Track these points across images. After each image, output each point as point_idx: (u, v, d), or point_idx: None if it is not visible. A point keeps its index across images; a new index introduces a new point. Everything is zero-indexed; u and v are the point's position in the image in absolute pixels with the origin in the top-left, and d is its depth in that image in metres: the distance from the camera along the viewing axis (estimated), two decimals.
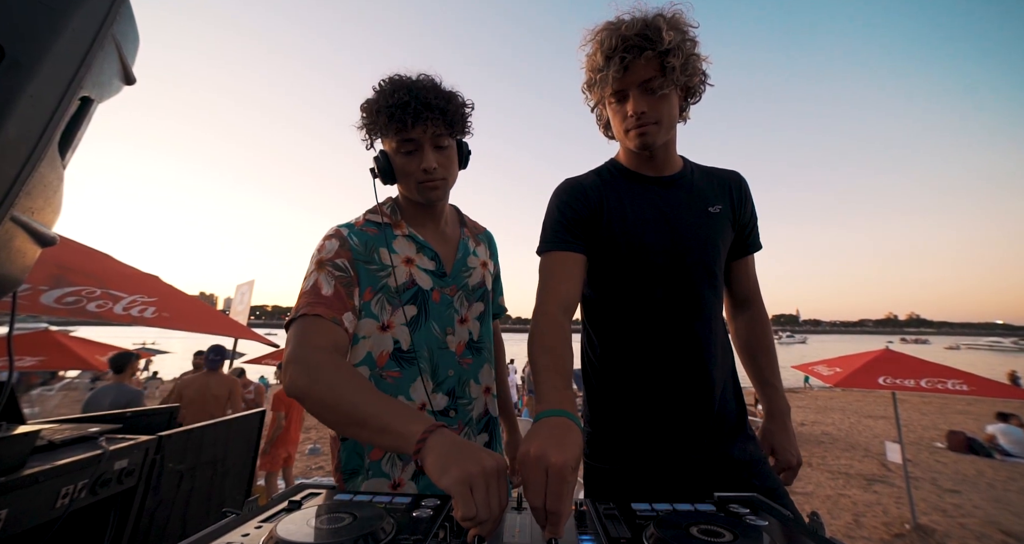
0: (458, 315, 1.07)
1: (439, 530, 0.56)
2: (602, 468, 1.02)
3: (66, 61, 0.50)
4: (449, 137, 1.01)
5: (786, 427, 1.05)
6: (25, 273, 0.58)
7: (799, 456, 1.03)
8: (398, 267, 1.02)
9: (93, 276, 2.73)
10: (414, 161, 0.99)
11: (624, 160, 1.10)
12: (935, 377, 4.69)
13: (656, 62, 0.91)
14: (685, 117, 1.06)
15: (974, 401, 12.27)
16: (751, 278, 1.18)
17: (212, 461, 1.29)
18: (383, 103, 0.96)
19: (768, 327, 1.17)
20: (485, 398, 1.09)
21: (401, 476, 0.95)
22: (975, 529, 4.20)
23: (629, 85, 0.94)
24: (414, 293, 1.02)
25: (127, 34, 0.61)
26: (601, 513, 0.62)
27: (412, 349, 0.99)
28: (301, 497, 0.68)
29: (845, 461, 6.55)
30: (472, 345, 1.09)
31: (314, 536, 0.51)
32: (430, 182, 1.00)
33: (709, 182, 1.08)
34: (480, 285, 1.14)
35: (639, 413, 1.00)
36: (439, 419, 0.99)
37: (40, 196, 0.53)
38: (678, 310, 1.00)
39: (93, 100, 0.58)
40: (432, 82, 1.00)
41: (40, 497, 0.74)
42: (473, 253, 1.16)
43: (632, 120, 0.96)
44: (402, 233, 1.06)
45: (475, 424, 1.06)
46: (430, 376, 1.00)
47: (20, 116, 0.45)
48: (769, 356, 1.13)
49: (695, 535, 0.52)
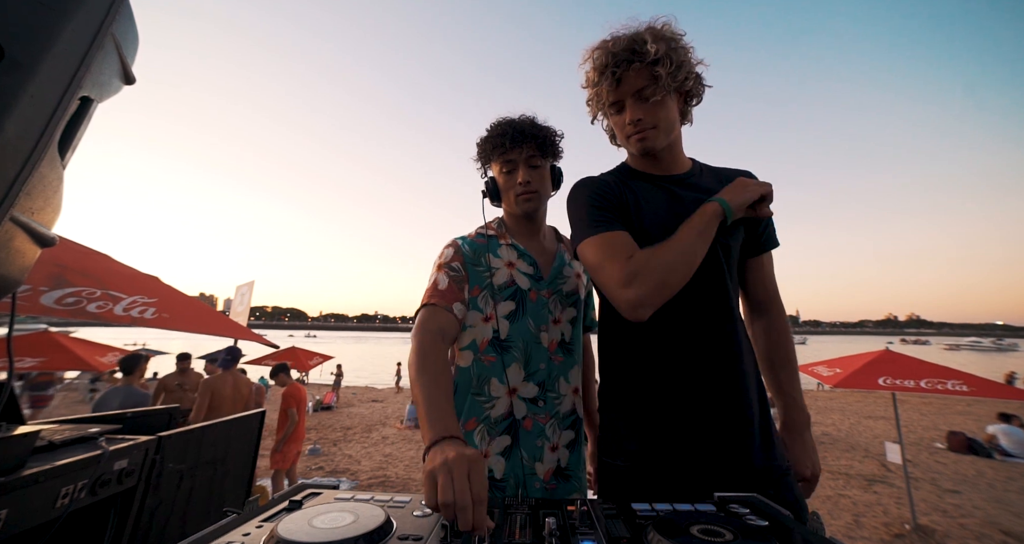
0: (552, 316, 1.21)
1: (439, 530, 0.56)
2: (616, 465, 1.00)
3: (66, 61, 0.50)
4: (541, 158, 1.23)
5: (803, 438, 1.02)
6: (25, 274, 0.58)
7: (817, 468, 1.01)
8: (501, 269, 1.22)
9: (93, 277, 2.73)
10: (513, 178, 1.22)
11: (633, 163, 1.14)
12: (935, 378, 4.69)
13: (646, 72, 0.96)
14: (688, 119, 1.09)
15: (974, 402, 12.27)
16: (768, 279, 1.14)
17: (212, 461, 1.29)
18: (490, 135, 1.23)
19: (788, 333, 1.12)
20: (573, 397, 1.20)
21: (488, 449, 1.10)
22: (975, 529, 4.20)
23: (624, 95, 1.00)
24: (513, 291, 1.20)
25: (127, 34, 0.61)
26: (601, 513, 0.62)
27: (508, 339, 1.17)
28: (302, 497, 0.68)
29: (845, 462, 6.56)
30: (564, 345, 1.21)
31: (315, 536, 0.51)
32: (525, 194, 1.21)
33: (718, 182, 1.08)
34: (574, 292, 1.27)
35: (659, 411, 0.98)
36: (529, 406, 1.14)
37: (40, 196, 0.53)
38: (694, 308, 0.99)
39: (93, 100, 0.58)
40: (528, 117, 1.25)
41: (40, 497, 0.74)
42: (569, 265, 1.30)
43: (631, 127, 1.02)
44: (506, 242, 1.27)
45: (562, 419, 1.17)
46: (523, 365, 1.16)
47: (20, 116, 0.45)
48: (789, 365, 1.09)
49: (695, 535, 0.52)
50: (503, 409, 1.13)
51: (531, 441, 1.12)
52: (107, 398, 3.98)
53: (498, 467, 1.09)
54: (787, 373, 1.08)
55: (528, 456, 1.11)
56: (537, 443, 1.12)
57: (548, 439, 1.13)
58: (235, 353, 4.56)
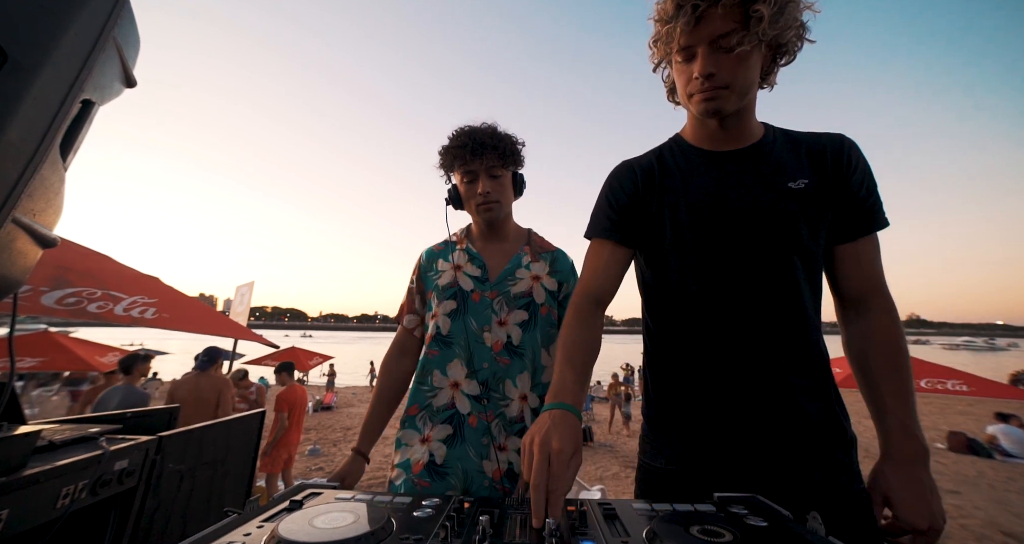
0: (497, 317, 1.22)
1: (440, 530, 0.56)
2: (658, 468, 0.92)
3: (68, 64, 0.50)
4: (502, 168, 1.25)
5: (915, 476, 0.75)
6: (26, 275, 0.58)
7: (938, 518, 0.72)
8: (446, 272, 1.29)
9: (94, 277, 2.73)
10: (474, 188, 1.24)
11: (689, 134, 0.97)
12: (935, 378, 4.69)
13: (738, 11, 0.74)
14: (771, 82, 0.89)
15: (974, 402, 12.26)
16: (867, 268, 0.88)
17: (212, 461, 1.29)
18: (451, 145, 1.24)
19: (896, 336, 0.85)
20: (522, 404, 1.18)
21: (430, 434, 1.17)
22: (976, 530, 4.20)
23: (699, 41, 0.79)
24: (454, 291, 1.25)
25: (128, 37, 0.61)
26: (601, 513, 0.62)
27: (450, 335, 1.22)
28: (302, 497, 0.68)
29: None
30: (511, 347, 1.21)
31: (316, 536, 0.51)
32: (485, 204, 1.24)
33: (794, 153, 0.89)
34: (524, 295, 1.24)
35: (699, 421, 0.88)
36: (472, 403, 1.17)
37: (42, 198, 0.53)
38: (748, 304, 0.86)
39: (94, 103, 0.58)
40: (489, 127, 1.26)
41: (41, 497, 0.74)
42: (525, 266, 1.29)
43: (697, 83, 0.82)
44: (461, 247, 1.33)
45: (509, 424, 1.16)
46: (465, 362, 1.19)
47: (22, 119, 0.45)
48: (895, 377, 0.82)
49: (695, 535, 0.52)
50: (445, 400, 1.19)
51: (476, 438, 1.14)
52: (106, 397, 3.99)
53: (439, 453, 1.14)
54: (893, 388, 0.82)
55: (475, 452, 1.13)
56: (483, 441, 1.14)
57: (494, 438, 1.14)
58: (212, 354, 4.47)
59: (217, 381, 4.38)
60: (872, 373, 0.85)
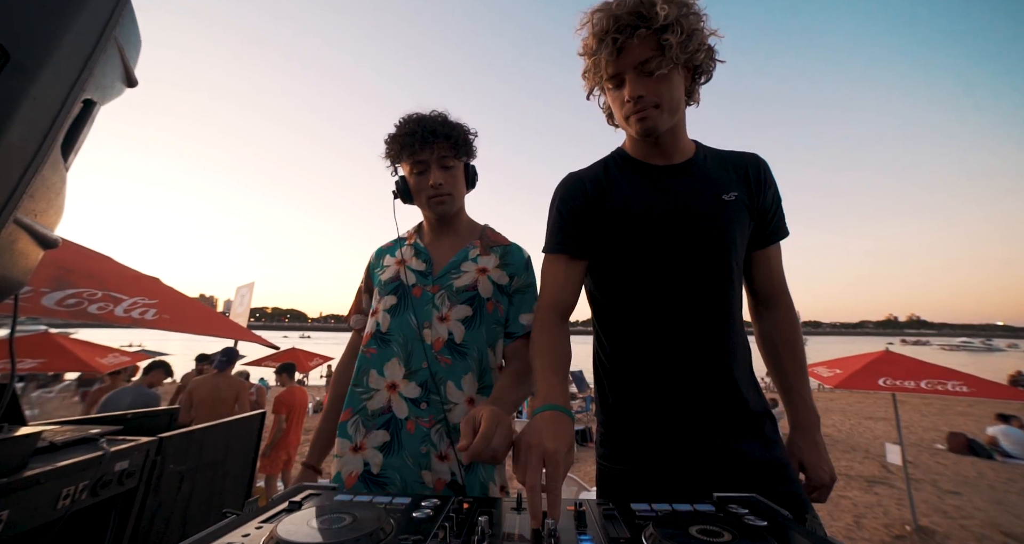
0: (438, 312, 1.13)
1: (439, 530, 0.56)
2: (618, 470, 0.97)
3: (69, 64, 0.50)
4: (454, 159, 1.18)
5: (815, 441, 0.96)
6: (27, 275, 0.58)
7: (832, 472, 0.95)
8: (390, 267, 1.23)
9: (94, 278, 2.73)
10: (424, 180, 1.17)
11: (629, 148, 1.05)
12: (935, 378, 4.69)
13: (652, 40, 0.85)
14: (695, 99, 0.99)
15: (974, 403, 12.26)
16: (775, 271, 1.05)
17: (213, 463, 1.29)
18: (398, 133, 1.16)
19: (795, 328, 1.05)
20: (467, 408, 1.06)
21: (364, 441, 1.07)
22: (976, 531, 4.19)
23: (624, 67, 0.89)
24: (396, 286, 1.18)
25: (129, 36, 0.61)
26: (601, 513, 0.62)
27: (389, 332, 1.13)
28: (301, 498, 0.68)
29: (846, 463, 6.55)
30: (453, 346, 1.10)
31: (314, 536, 0.51)
32: (437, 197, 1.17)
33: (723, 168, 1.01)
34: (468, 288, 1.14)
35: (656, 414, 0.95)
36: (410, 407, 1.06)
37: (43, 198, 0.53)
38: (692, 306, 0.95)
39: (96, 102, 0.58)
40: (439, 114, 1.18)
41: (41, 498, 0.74)
42: (472, 260, 1.20)
43: (630, 105, 0.91)
44: (409, 242, 1.26)
45: (453, 431, 1.04)
46: (403, 362, 1.10)
47: (23, 119, 0.45)
48: (797, 362, 1.02)
49: (694, 535, 0.52)
50: (381, 403, 1.08)
51: (415, 446, 1.03)
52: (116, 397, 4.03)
53: (375, 461, 1.04)
54: (795, 370, 1.02)
55: (414, 461, 1.02)
56: (422, 449, 1.02)
57: (435, 446, 1.03)
58: (231, 355, 4.55)
59: (235, 381, 4.49)
60: (780, 360, 1.04)
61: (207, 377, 4.36)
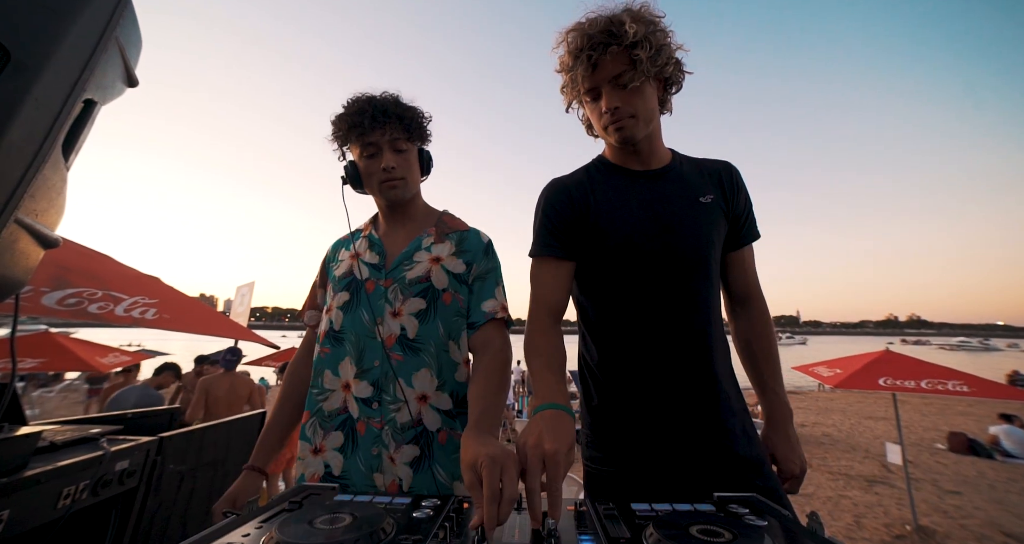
0: (391, 307, 1.07)
1: (439, 530, 0.56)
2: (604, 472, 0.99)
3: (70, 64, 0.50)
4: (407, 142, 1.12)
5: (788, 434, 1.01)
6: (28, 275, 0.58)
7: (803, 463, 0.99)
8: (344, 261, 1.18)
9: (94, 278, 2.73)
10: (375, 163, 1.10)
11: (609, 156, 1.10)
12: (935, 378, 4.69)
13: (624, 56, 0.91)
14: (668, 108, 1.05)
15: (974, 402, 12.25)
16: (749, 272, 1.11)
17: (213, 462, 1.29)
18: (346, 113, 1.10)
19: (770, 327, 1.11)
20: (420, 406, 1.02)
21: (323, 443, 1.04)
22: (976, 530, 4.19)
23: (600, 81, 0.95)
24: (349, 282, 1.12)
25: (130, 37, 0.61)
26: (601, 513, 0.62)
27: (342, 330, 1.09)
28: (301, 498, 0.69)
29: (846, 462, 6.54)
30: (405, 342, 1.05)
31: (314, 537, 0.51)
32: (389, 181, 1.10)
33: (699, 173, 1.07)
34: (421, 280, 1.08)
35: (640, 415, 0.97)
36: (362, 407, 1.03)
37: (44, 198, 0.53)
38: (674, 305, 0.98)
39: (96, 102, 0.58)
40: (391, 95, 1.13)
41: (42, 498, 0.74)
42: (425, 249, 1.13)
43: (608, 116, 0.97)
44: (364, 234, 1.20)
45: (400, 431, 1.00)
46: (355, 360, 1.06)
47: (24, 119, 0.45)
48: (771, 359, 1.08)
49: (694, 535, 0.52)
50: (337, 403, 1.06)
51: (367, 447, 1.00)
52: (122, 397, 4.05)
53: (336, 463, 1.01)
54: (769, 368, 1.07)
55: (365, 464, 0.99)
56: (373, 451, 0.99)
57: (386, 448, 0.99)
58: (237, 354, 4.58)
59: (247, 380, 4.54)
60: (756, 357, 1.09)
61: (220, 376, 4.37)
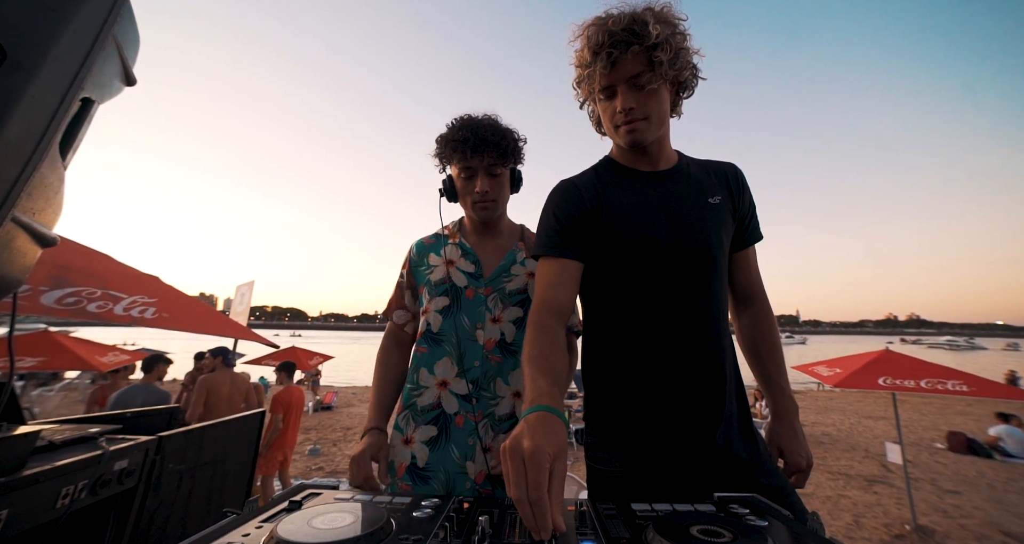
0: (491, 314, 1.20)
1: (439, 530, 0.56)
2: (608, 472, 0.97)
3: (67, 62, 0.50)
4: (502, 166, 1.21)
5: (794, 428, 1.02)
6: (26, 274, 0.58)
7: (810, 457, 1.00)
8: (439, 267, 1.25)
9: (93, 277, 2.73)
10: (471, 185, 1.20)
11: (618, 156, 1.10)
12: (935, 378, 4.69)
13: (644, 57, 0.90)
14: (678, 112, 1.06)
15: (973, 402, 12.27)
16: (753, 271, 1.14)
17: (212, 462, 1.29)
18: (450, 137, 1.20)
19: (773, 324, 1.13)
20: (514, 401, 1.16)
21: (413, 434, 1.15)
22: (975, 530, 4.20)
23: (617, 80, 0.94)
24: (447, 287, 1.22)
25: (128, 35, 0.61)
26: (601, 513, 0.62)
27: (441, 333, 1.20)
28: (301, 497, 0.68)
29: (845, 462, 6.55)
30: (504, 345, 1.18)
31: (315, 536, 0.51)
32: (482, 203, 1.21)
33: (706, 174, 1.08)
34: (520, 291, 1.22)
35: (647, 414, 0.96)
36: (460, 403, 1.14)
37: (41, 197, 0.53)
38: (688, 306, 0.97)
39: (94, 101, 0.58)
40: (491, 121, 1.23)
41: (40, 497, 0.74)
42: (520, 263, 1.26)
43: (621, 116, 0.96)
44: (454, 242, 1.29)
45: (499, 422, 1.14)
46: (456, 361, 1.16)
47: (21, 117, 0.45)
48: (775, 354, 1.09)
49: (695, 535, 0.52)
50: (430, 399, 1.16)
51: (463, 438, 1.12)
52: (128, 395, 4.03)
53: (421, 455, 1.12)
54: (774, 363, 1.09)
55: (459, 453, 1.10)
56: (468, 442, 1.11)
57: (480, 439, 1.11)
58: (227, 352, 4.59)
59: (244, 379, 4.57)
60: (761, 354, 1.11)
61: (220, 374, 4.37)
